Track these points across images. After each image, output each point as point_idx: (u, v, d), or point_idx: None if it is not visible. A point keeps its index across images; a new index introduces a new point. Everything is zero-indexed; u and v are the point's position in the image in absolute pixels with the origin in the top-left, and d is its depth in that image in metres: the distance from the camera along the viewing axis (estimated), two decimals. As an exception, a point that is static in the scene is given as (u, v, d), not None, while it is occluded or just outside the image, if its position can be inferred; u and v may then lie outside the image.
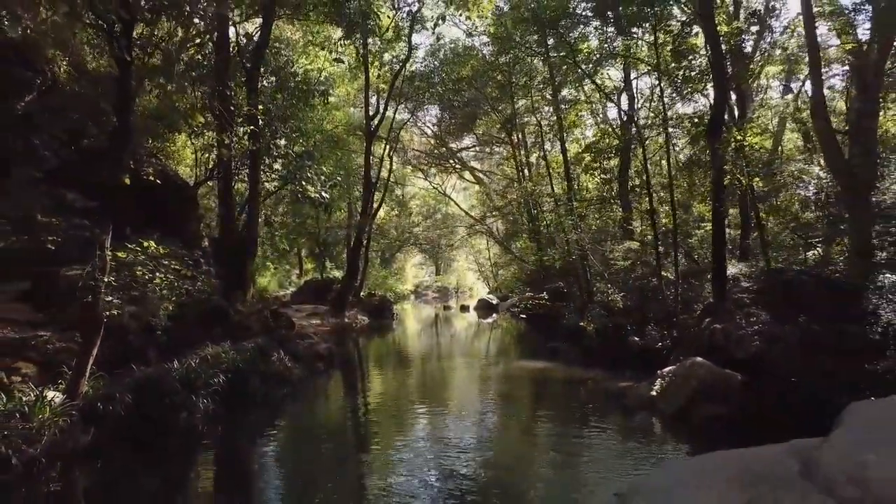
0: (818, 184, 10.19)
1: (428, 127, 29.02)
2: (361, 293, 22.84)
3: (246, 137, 9.77)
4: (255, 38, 13.26)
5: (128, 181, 6.68)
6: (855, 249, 8.71)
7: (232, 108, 9.35)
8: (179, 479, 6.26)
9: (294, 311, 17.32)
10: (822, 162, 14.04)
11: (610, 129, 15.91)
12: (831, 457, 2.23)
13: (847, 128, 15.25)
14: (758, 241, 13.08)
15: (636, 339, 11.67)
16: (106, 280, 6.32)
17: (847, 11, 14.06)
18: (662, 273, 11.69)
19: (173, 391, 7.69)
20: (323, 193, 13.04)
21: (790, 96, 17.63)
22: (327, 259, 28.17)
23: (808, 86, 19.65)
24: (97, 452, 6.45)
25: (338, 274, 24.69)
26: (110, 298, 6.69)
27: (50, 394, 6.62)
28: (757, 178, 10.89)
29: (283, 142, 12.80)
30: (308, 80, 14.99)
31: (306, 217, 23.06)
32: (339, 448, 7.18)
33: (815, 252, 10.16)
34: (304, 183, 12.46)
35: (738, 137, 11.04)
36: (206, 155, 15.98)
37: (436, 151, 29.39)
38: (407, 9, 19.30)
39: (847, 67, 16.07)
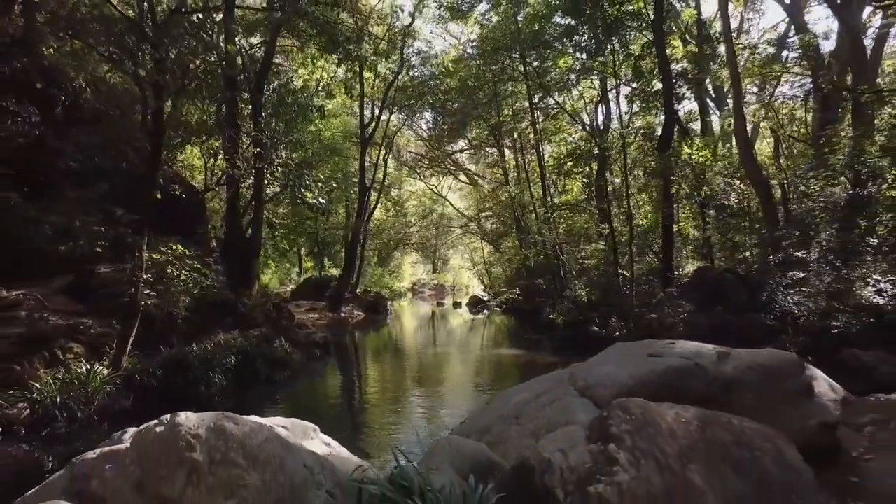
0: (739, 194, 11.89)
1: (423, 130, 30.79)
2: (358, 290, 24.66)
3: (252, 157, 11.57)
4: (259, 55, 15.06)
5: (159, 196, 8.47)
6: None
7: (240, 132, 11.14)
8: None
9: (294, 307, 19.10)
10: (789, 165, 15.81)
11: (586, 138, 17.62)
12: (581, 369, 3.98)
13: (810, 137, 16.99)
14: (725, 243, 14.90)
15: (596, 329, 13.45)
16: (144, 277, 8.13)
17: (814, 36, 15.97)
18: (621, 271, 13.42)
19: (194, 368, 9.54)
20: (320, 199, 14.83)
21: (756, 106, 19.26)
22: (326, 258, 29.98)
23: (778, 92, 21.47)
24: (135, 414, 8.28)
25: (336, 272, 26.45)
26: (148, 291, 8.50)
27: (98, 367, 8.46)
28: (705, 187, 12.59)
29: (283, 152, 14.55)
30: (307, 90, 16.75)
31: (305, 218, 24.83)
32: (332, 408, 9.04)
33: (750, 252, 11.88)
34: (303, 190, 14.25)
35: (688, 151, 12.79)
36: (213, 161, 17.79)
37: (430, 154, 31.17)
38: (399, 23, 21.20)
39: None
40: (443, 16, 22.22)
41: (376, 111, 22.32)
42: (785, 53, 21.26)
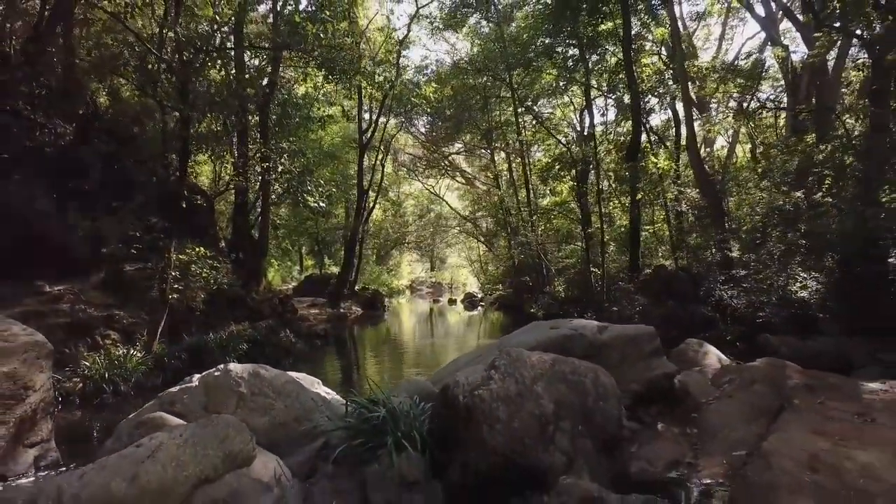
0: (691, 201, 13.54)
1: (420, 133, 32.46)
2: (356, 287, 26.39)
3: (259, 166, 13.30)
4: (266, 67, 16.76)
5: (184, 205, 10.18)
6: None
7: (248, 146, 12.86)
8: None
9: (296, 302, 20.81)
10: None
11: (568, 144, 19.27)
12: (507, 338, 5.66)
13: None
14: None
15: (571, 322, 15.16)
16: (172, 274, 9.85)
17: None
18: (593, 269, 15.09)
19: (212, 353, 11.27)
20: (321, 203, 16.54)
21: (729, 114, 20.84)
22: (326, 256, 31.73)
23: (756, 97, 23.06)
24: (165, 389, 10.00)
25: (335, 270, 28.17)
26: (177, 286, 10.22)
27: (133, 351, 10.19)
28: (669, 193, 14.22)
29: (286, 160, 16.25)
30: (308, 98, 18.41)
31: (306, 219, 26.59)
32: (332, 383, 10.75)
33: (710, 252, 13.51)
34: (305, 195, 15.96)
35: (654, 161, 14.43)
36: (220, 166, 19.50)
37: (427, 155, 32.87)
38: (396, 34, 22.86)
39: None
40: (437, 26, 23.91)
41: (374, 116, 23.96)
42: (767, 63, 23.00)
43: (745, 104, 21.57)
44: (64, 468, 5.89)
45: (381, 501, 3.66)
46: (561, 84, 20.32)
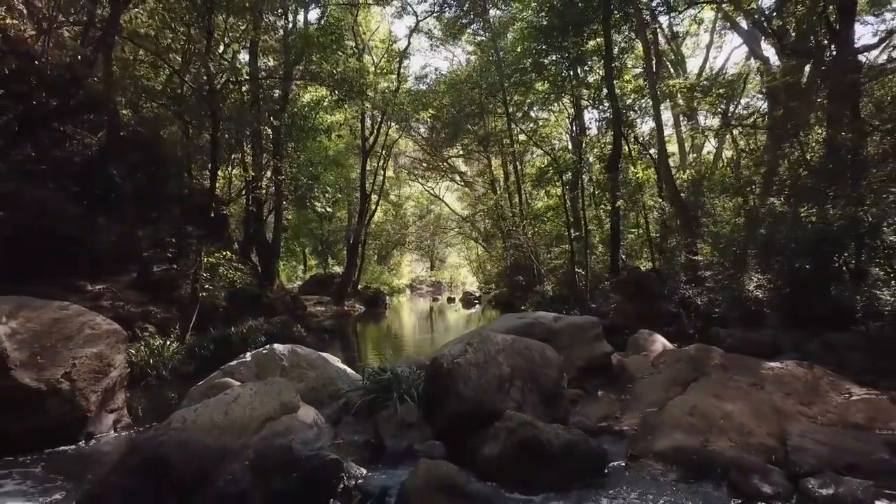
0: (663, 210, 15.24)
1: (420, 138, 34.22)
2: (359, 286, 28.18)
3: (273, 176, 15.09)
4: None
5: (212, 214, 11.93)
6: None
7: (262, 158, 14.65)
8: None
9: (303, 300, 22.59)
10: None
11: (557, 154, 21.01)
12: (488, 326, 7.34)
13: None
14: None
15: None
16: (203, 275, 11.60)
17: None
18: (578, 270, 16.81)
19: (235, 345, 13.00)
20: (328, 209, 18.30)
21: (713, 123, 22.56)
22: (329, 256, 33.53)
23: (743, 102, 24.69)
24: (196, 375, 11.69)
25: (339, 269, 29.96)
26: (207, 285, 11.97)
27: (168, 342, 11.93)
28: (649, 201, 15.92)
29: (295, 169, 18.03)
30: (313, 109, 20.14)
31: (310, 221, 28.39)
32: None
33: (679, 254, 15.20)
34: (313, 201, 17.72)
35: (634, 171, 16.12)
36: (231, 170, 21.29)
37: (427, 158, 34.65)
38: (396, 45, 24.61)
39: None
40: (437, 36, 25.65)
41: (376, 123, 25.70)
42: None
43: (728, 111, 23.26)
44: (135, 430, 7.66)
45: (388, 436, 5.39)
46: (551, 95, 22.03)
